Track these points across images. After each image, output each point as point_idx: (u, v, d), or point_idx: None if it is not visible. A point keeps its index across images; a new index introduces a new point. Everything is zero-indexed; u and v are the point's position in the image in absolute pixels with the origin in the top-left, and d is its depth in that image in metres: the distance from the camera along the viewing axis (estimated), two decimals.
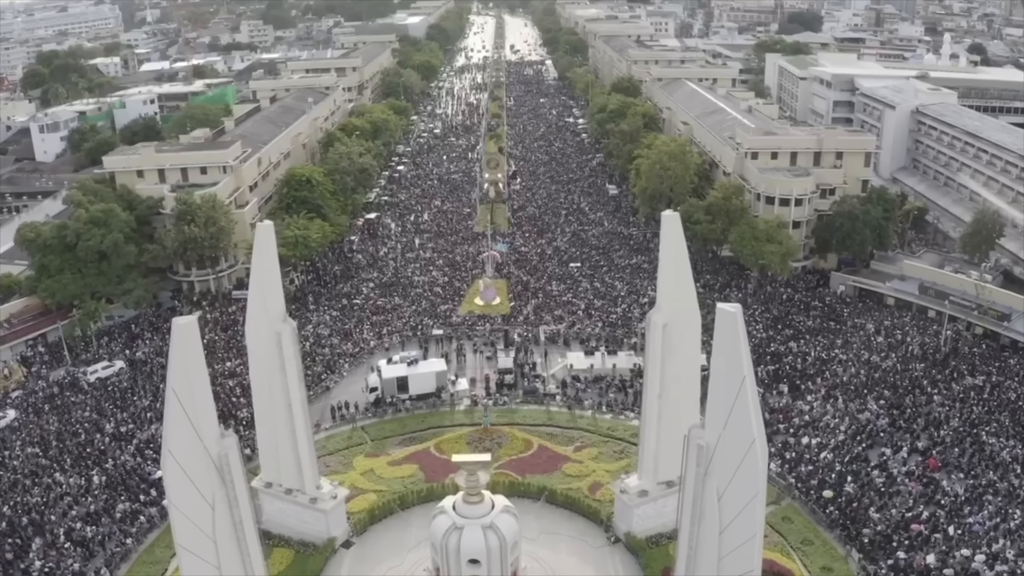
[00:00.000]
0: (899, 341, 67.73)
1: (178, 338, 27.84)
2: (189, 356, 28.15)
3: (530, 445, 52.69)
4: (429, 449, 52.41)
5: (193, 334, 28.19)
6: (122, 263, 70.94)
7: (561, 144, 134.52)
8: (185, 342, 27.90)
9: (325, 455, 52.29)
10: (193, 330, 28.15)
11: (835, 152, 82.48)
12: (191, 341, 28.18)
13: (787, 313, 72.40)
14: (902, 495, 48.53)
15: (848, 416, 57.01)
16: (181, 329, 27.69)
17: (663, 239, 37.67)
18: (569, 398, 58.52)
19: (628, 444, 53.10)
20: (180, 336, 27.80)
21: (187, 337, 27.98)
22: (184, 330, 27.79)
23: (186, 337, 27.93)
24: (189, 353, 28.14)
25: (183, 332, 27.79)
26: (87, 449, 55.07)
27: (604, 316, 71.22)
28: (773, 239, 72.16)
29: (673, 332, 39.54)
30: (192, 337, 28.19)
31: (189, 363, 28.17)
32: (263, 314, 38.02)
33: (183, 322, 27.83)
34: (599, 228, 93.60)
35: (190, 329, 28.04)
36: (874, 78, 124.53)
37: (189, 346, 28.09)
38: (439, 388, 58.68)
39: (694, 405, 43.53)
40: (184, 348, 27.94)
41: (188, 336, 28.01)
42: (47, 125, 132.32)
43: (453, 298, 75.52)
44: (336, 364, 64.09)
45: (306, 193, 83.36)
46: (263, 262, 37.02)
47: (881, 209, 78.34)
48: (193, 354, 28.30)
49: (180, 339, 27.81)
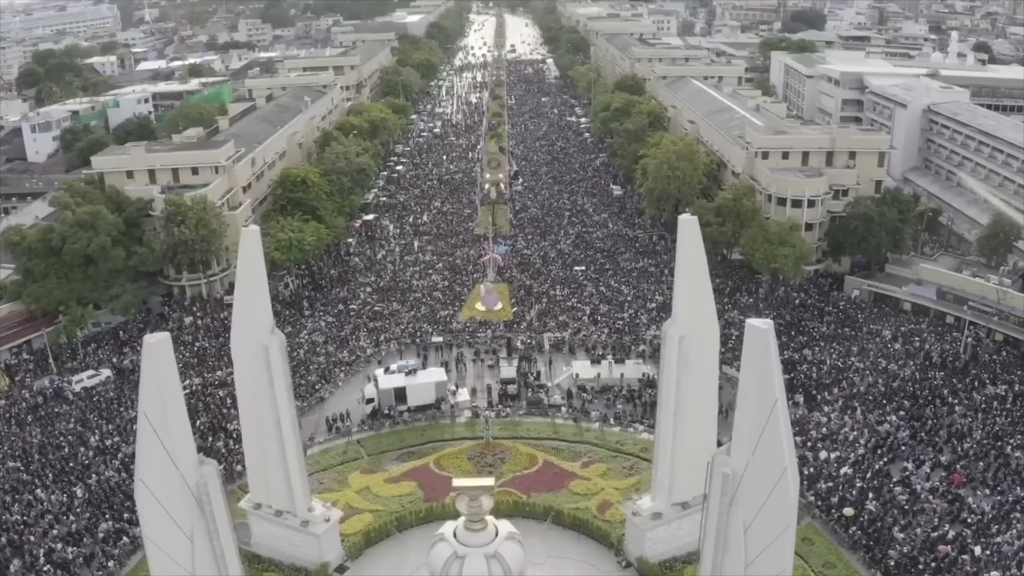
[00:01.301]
0: (917, 348, 65.45)
1: (150, 357, 25.19)
2: (162, 377, 25.49)
3: (534, 461, 49.99)
4: (428, 465, 49.71)
5: (166, 353, 25.52)
6: (109, 267, 68.33)
7: (563, 143, 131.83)
8: (157, 361, 25.24)
9: (318, 471, 49.66)
10: (165, 348, 25.47)
11: (848, 152, 79.86)
12: (164, 360, 25.51)
13: (800, 319, 69.91)
14: (927, 513, 46.34)
15: (867, 428, 54.67)
16: (152, 348, 25.03)
17: (680, 245, 35.01)
18: (575, 410, 55.84)
19: (638, 459, 50.54)
20: (152, 355, 25.15)
21: (159, 356, 25.31)
22: (156, 349, 25.12)
23: (158, 356, 25.26)
24: (162, 373, 25.48)
25: (155, 351, 25.13)
26: (70, 463, 52.77)
27: (610, 322, 68.53)
28: (786, 242, 69.49)
29: (690, 345, 36.89)
30: (165, 356, 25.52)
31: (162, 384, 25.52)
32: (249, 325, 35.32)
33: (154, 340, 25.16)
34: (603, 230, 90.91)
35: (162, 347, 25.36)
36: (884, 76, 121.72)
37: (162, 366, 25.43)
38: (439, 399, 56.03)
39: (711, 422, 41.09)
40: (156, 368, 25.28)
41: (160, 355, 25.34)
42: (39, 124, 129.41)
43: (453, 303, 72.82)
44: (331, 373, 61.42)
45: (301, 194, 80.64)
46: (249, 270, 34.30)
47: (896, 211, 75.77)
48: (166, 374, 25.64)
49: (152, 358, 25.16)
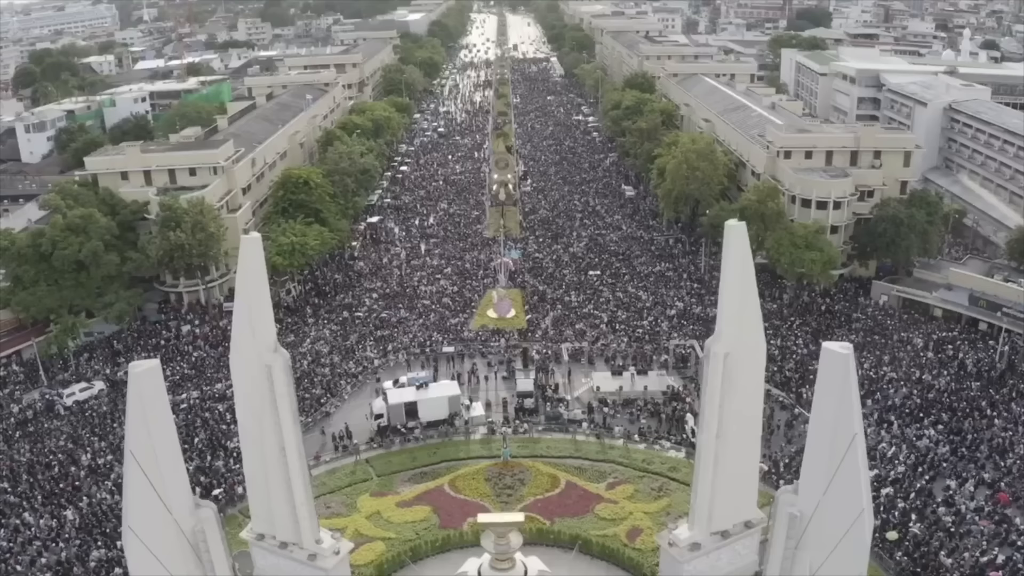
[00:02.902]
0: (950, 357, 62.52)
1: (136, 388, 21.91)
2: (151, 410, 22.19)
3: (556, 482, 46.72)
4: (443, 487, 46.43)
5: (154, 383, 22.19)
6: (102, 273, 65.02)
7: (571, 143, 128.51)
8: (145, 393, 21.95)
9: (325, 494, 46.39)
10: (154, 378, 22.14)
11: (873, 151, 76.55)
12: (152, 391, 22.20)
13: (828, 326, 66.72)
14: (974, 536, 43.82)
15: (905, 443, 51.59)
16: (139, 378, 21.74)
17: (726, 253, 31.65)
18: (597, 425, 52.58)
19: (667, 479, 47.38)
20: (139, 386, 21.86)
21: (147, 387, 22.02)
22: (143, 379, 21.80)
23: (146, 387, 21.96)
24: (151, 406, 22.18)
25: (142, 381, 21.83)
26: (60, 484, 49.67)
27: (629, 330, 65.25)
28: (813, 246, 66.18)
29: (735, 363, 33.50)
30: (154, 387, 22.20)
31: (152, 419, 22.22)
32: (250, 343, 31.84)
33: (142, 368, 21.83)
34: (617, 232, 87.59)
35: (151, 377, 22.03)
36: (900, 74, 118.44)
37: (151, 398, 22.13)
38: (452, 414, 52.73)
39: (755, 446, 37.78)
40: (144, 401, 21.99)
41: (149, 385, 22.04)
42: (33, 125, 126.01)
43: (464, 310, 69.46)
44: (337, 386, 58.08)
45: (303, 196, 77.17)
46: (250, 281, 30.86)
47: (924, 213, 72.55)
48: (156, 408, 22.34)
49: (139, 390, 21.88)
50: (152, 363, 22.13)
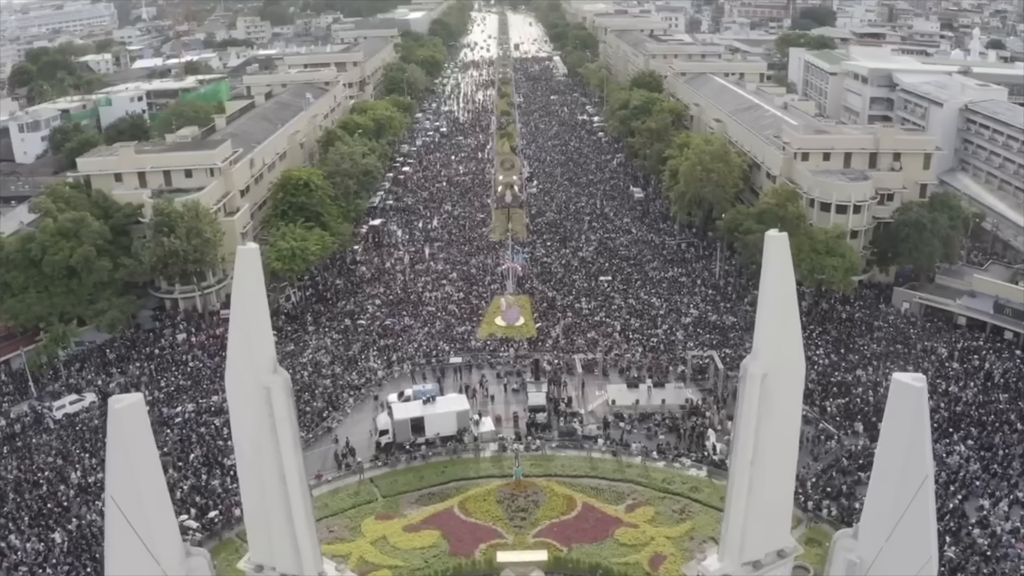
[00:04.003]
0: (976, 367, 60.10)
1: (117, 427, 19.34)
2: (134, 451, 19.62)
3: (572, 504, 44.15)
4: (452, 509, 43.86)
5: (138, 420, 19.58)
6: (94, 280, 62.39)
7: (577, 143, 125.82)
8: (127, 432, 19.38)
9: (327, 516, 43.88)
10: (137, 415, 19.53)
11: (892, 153, 74.01)
12: (136, 430, 19.61)
13: (848, 334, 64.26)
14: (1011, 559, 41.45)
15: (935, 460, 49.02)
16: (120, 415, 19.14)
17: (766, 266, 28.97)
18: (613, 442, 49.95)
19: (689, 500, 44.84)
20: (120, 424, 19.29)
21: (130, 425, 19.44)
22: (124, 416, 19.21)
23: (128, 425, 19.38)
24: (134, 446, 19.61)
25: (123, 419, 19.25)
26: (48, 504, 47.05)
27: (644, 339, 62.65)
28: (834, 252, 63.58)
29: (773, 384, 30.88)
30: (137, 425, 19.60)
31: (135, 460, 19.68)
32: (247, 363, 29.14)
33: (122, 405, 19.19)
34: (627, 236, 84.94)
35: (133, 414, 19.41)
36: (913, 73, 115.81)
37: (134, 437, 19.57)
38: (461, 430, 50.12)
39: (790, 472, 35.17)
40: (126, 440, 19.44)
41: (131, 423, 19.46)
42: (27, 124, 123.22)
43: (471, 318, 66.79)
44: (339, 399, 55.46)
45: (303, 198, 74.43)
46: (246, 296, 28.15)
47: (946, 217, 70.07)
48: (140, 448, 19.78)
49: (120, 428, 19.31)
50: (135, 397, 19.51)
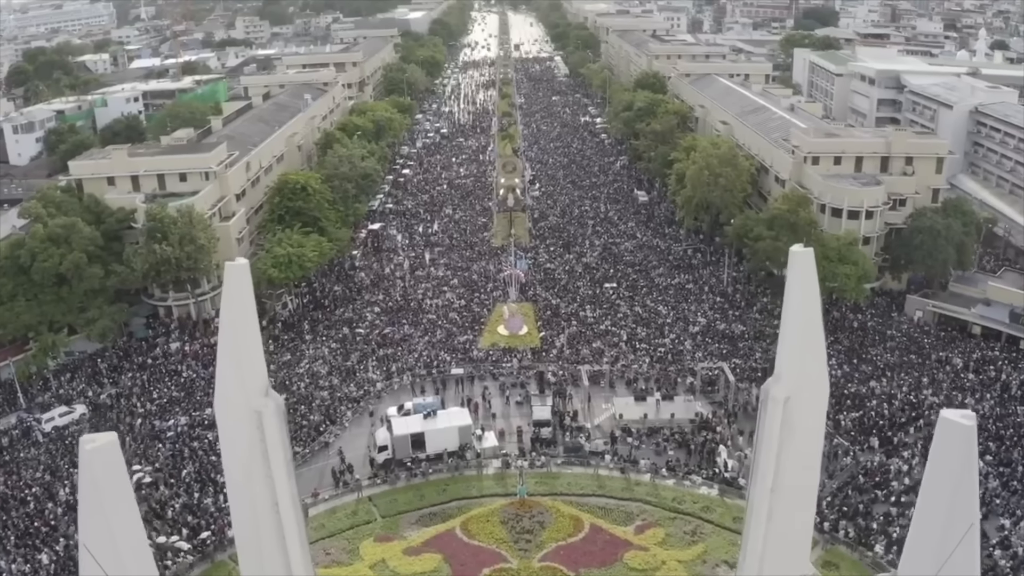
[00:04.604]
0: (992, 379, 58.37)
1: (89, 470, 17.48)
2: (109, 496, 17.77)
3: (580, 525, 42.33)
4: (454, 530, 42.04)
5: (111, 462, 17.73)
6: (85, 287, 60.52)
7: (580, 145, 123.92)
8: (99, 475, 17.52)
9: (324, 538, 42.11)
10: (111, 455, 17.69)
11: (904, 157, 72.23)
12: (109, 472, 17.76)
13: (861, 344, 62.48)
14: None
15: None
16: (91, 457, 17.28)
17: (791, 283, 27.18)
18: (621, 458, 48.11)
19: (700, 521, 43.02)
20: (91, 467, 17.44)
21: (102, 467, 17.58)
22: (96, 458, 17.35)
23: (100, 467, 17.53)
24: (108, 491, 17.75)
25: (95, 461, 17.38)
26: (35, 523, 45.26)
27: (651, 349, 60.81)
28: (846, 259, 61.74)
29: (796, 408, 29.12)
30: (111, 466, 17.75)
31: (110, 506, 17.81)
32: (238, 386, 27.33)
33: (93, 446, 17.32)
34: (632, 241, 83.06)
35: (107, 455, 17.56)
36: (922, 75, 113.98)
37: (107, 480, 17.70)
38: (463, 446, 48.29)
39: (811, 498, 33.52)
40: (99, 485, 17.59)
41: (104, 465, 17.60)
42: (21, 125, 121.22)
43: (472, 327, 64.90)
44: (336, 412, 53.61)
45: (301, 203, 72.52)
46: (236, 315, 26.37)
47: (960, 223, 68.30)
48: (114, 491, 17.92)
49: (92, 472, 17.46)
50: (108, 437, 17.66)
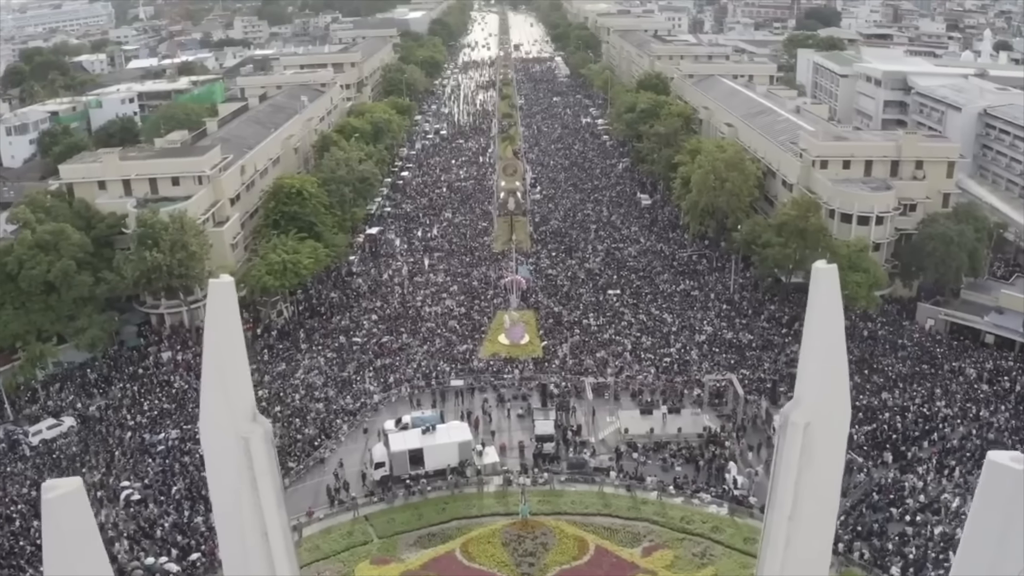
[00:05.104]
0: (1007, 390, 56.75)
1: (53, 519, 15.81)
2: (75, 546, 16.09)
3: (585, 546, 40.63)
4: (454, 552, 40.34)
5: (78, 509, 16.06)
6: (74, 295, 58.74)
7: (581, 146, 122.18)
8: (64, 525, 15.85)
9: (318, 560, 40.44)
10: (77, 503, 16.02)
11: (915, 161, 70.60)
12: (75, 520, 16.07)
13: (871, 354, 60.80)
14: None
15: (969, 494, 45.65)
16: (54, 505, 15.61)
17: (813, 302, 25.45)
18: (627, 475, 46.43)
19: (710, 542, 41.34)
20: (55, 516, 15.77)
21: (67, 516, 15.90)
22: (59, 506, 15.68)
23: (66, 516, 15.85)
24: (74, 541, 16.06)
25: (58, 509, 15.71)
26: (20, 542, 43.54)
27: (656, 359, 59.12)
28: (857, 266, 60.07)
29: (817, 434, 27.47)
30: (77, 515, 16.07)
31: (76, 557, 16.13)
32: (224, 410, 25.68)
33: (56, 494, 15.65)
34: (635, 245, 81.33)
35: (72, 503, 15.89)
36: (929, 76, 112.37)
37: (73, 530, 16.02)
38: (463, 462, 46.61)
39: (830, 524, 31.84)
40: (64, 535, 15.91)
41: (69, 514, 15.92)
42: (15, 127, 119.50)
43: (472, 335, 63.18)
44: (332, 425, 51.92)
45: (296, 208, 70.77)
46: (222, 335, 24.71)
47: (972, 228, 66.71)
48: (81, 541, 16.24)
49: (56, 521, 15.79)
50: (72, 483, 15.95)
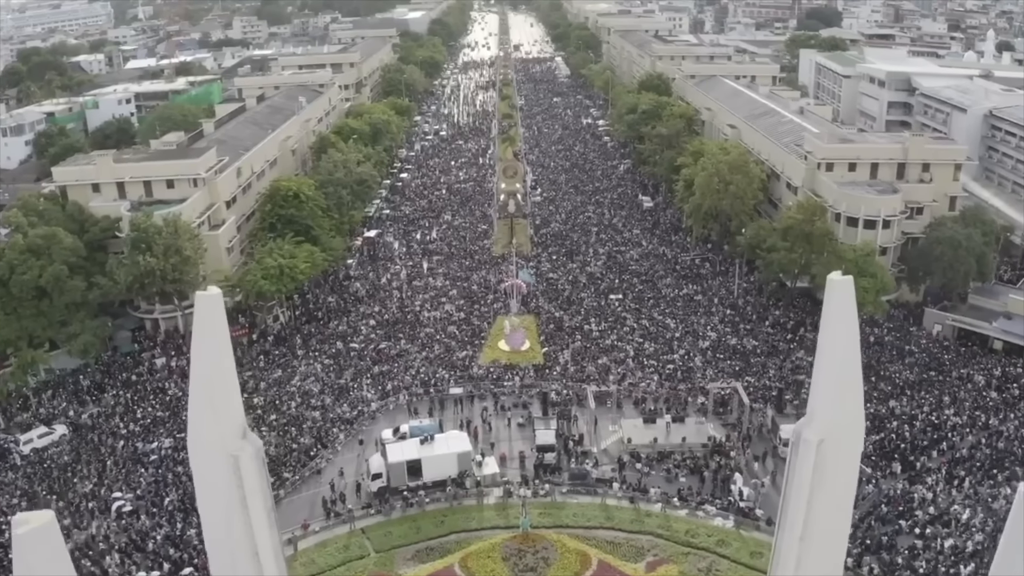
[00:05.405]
0: (1016, 397, 55.86)
1: (23, 556, 14.74)
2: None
3: (587, 561, 39.58)
4: (453, 568, 39.27)
5: (50, 544, 15.01)
6: (66, 301, 57.64)
7: (582, 148, 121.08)
8: (34, 564, 14.78)
9: (314, 575, 39.31)
10: (49, 538, 14.97)
11: (921, 164, 69.53)
12: (48, 559, 15.02)
13: (878, 360, 59.72)
14: None
15: (980, 505, 44.97)
16: (24, 541, 14.57)
17: (827, 315, 24.53)
18: (630, 486, 45.35)
19: (715, 556, 40.31)
20: (25, 553, 14.70)
21: (38, 552, 14.84)
22: (29, 542, 14.63)
23: (36, 553, 14.79)
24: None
25: (29, 546, 14.66)
26: (9, 554, 42.19)
27: (659, 366, 58.03)
28: (864, 271, 58.95)
29: (830, 452, 26.55)
30: (49, 550, 15.02)
31: None
32: (212, 427, 24.80)
33: (27, 529, 14.63)
34: (637, 249, 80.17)
35: (43, 537, 14.84)
36: (933, 77, 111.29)
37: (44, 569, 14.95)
38: (462, 473, 45.54)
39: (842, 544, 30.84)
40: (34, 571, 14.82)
41: (40, 552, 14.86)
42: (11, 128, 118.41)
43: (472, 341, 62.08)
44: (328, 434, 50.81)
45: (293, 210, 69.63)
46: (209, 350, 23.81)
47: (979, 232, 65.67)
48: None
49: (26, 560, 14.72)
50: (44, 517, 14.96)
